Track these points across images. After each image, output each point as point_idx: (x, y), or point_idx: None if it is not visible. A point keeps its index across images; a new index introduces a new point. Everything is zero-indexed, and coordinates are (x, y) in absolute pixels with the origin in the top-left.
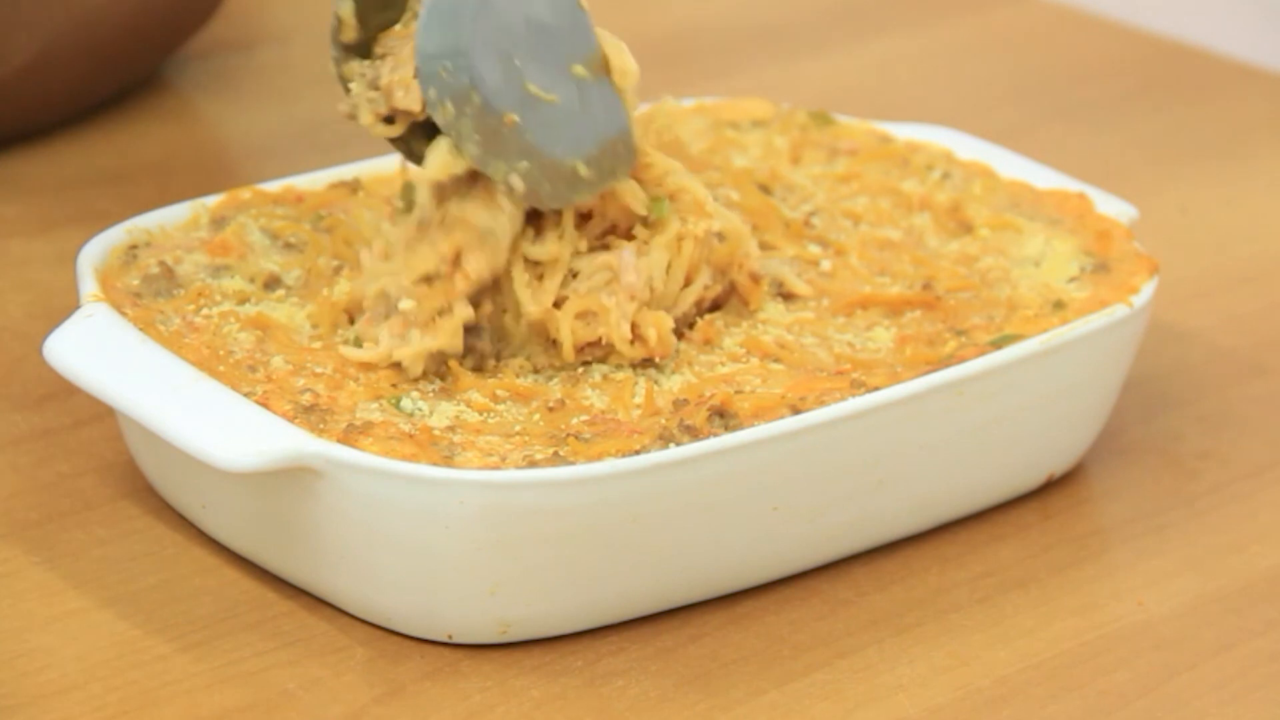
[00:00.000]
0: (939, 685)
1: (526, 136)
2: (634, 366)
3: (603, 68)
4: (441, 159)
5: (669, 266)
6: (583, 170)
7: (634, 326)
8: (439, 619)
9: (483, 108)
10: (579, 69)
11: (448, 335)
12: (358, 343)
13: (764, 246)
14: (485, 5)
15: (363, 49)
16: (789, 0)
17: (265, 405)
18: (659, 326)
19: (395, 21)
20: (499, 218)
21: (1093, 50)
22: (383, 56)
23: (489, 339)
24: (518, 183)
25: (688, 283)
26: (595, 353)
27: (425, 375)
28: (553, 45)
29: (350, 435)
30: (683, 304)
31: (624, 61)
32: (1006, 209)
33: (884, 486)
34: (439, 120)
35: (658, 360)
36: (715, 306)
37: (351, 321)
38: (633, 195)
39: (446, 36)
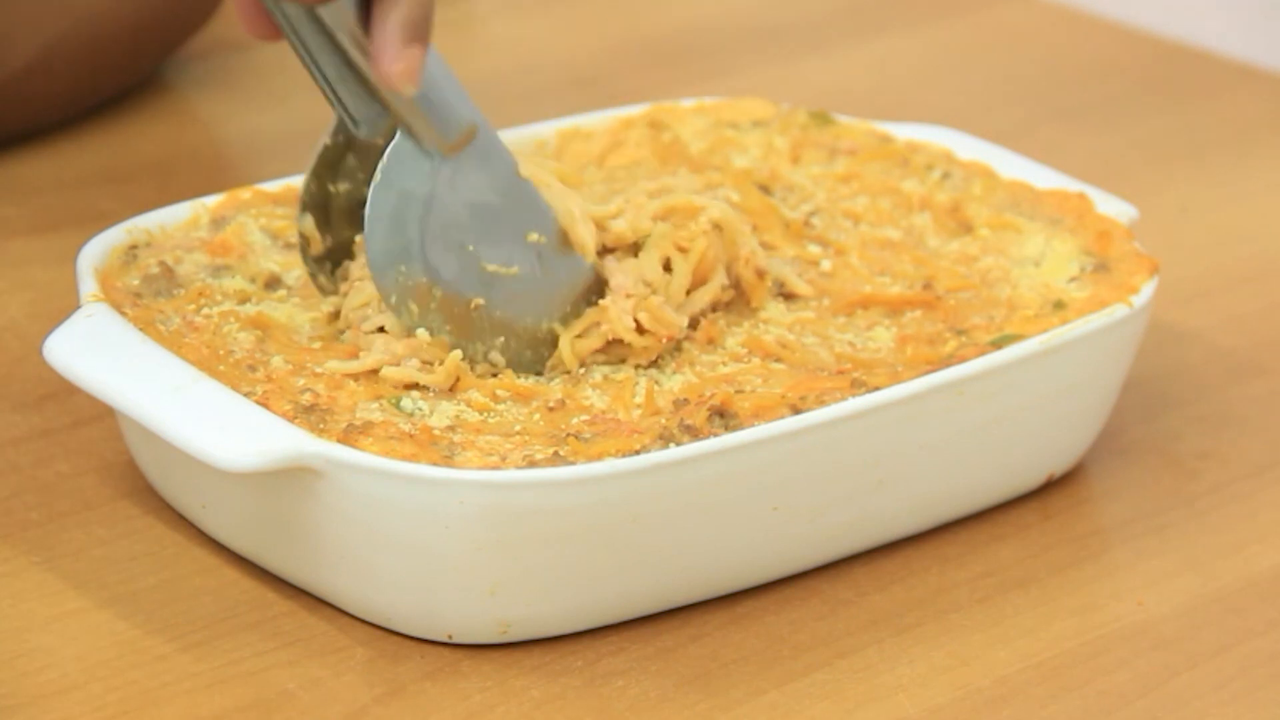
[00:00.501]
0: (939, 685)
1: (496, 314)
2: (636, 366)
3: (556, 229)
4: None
5: (668, 263)
6: (561, 331)
7: (636, 322)
8: (439, 619)
9: (446, 298)
10: (533, 236)
11: (438, 379)
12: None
13: (764, 246)
14: (427, 205)
15: (335, 257)
16: (789, 0)
17: (265, 405)
18: (650, 310)
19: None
20: None
21: (1093, 50)
22: (363, 277)
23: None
24: (498, 359)
25: (701, 282)
26: (603, 357)
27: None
28: (502, 220)
29: (350, 435)
30: (697, 303)
31: (578, 233)
32: (1006, 209)
33: (884, 486)
34: (406, 321)
35: (666, 340)
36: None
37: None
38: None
39: (394, 241)
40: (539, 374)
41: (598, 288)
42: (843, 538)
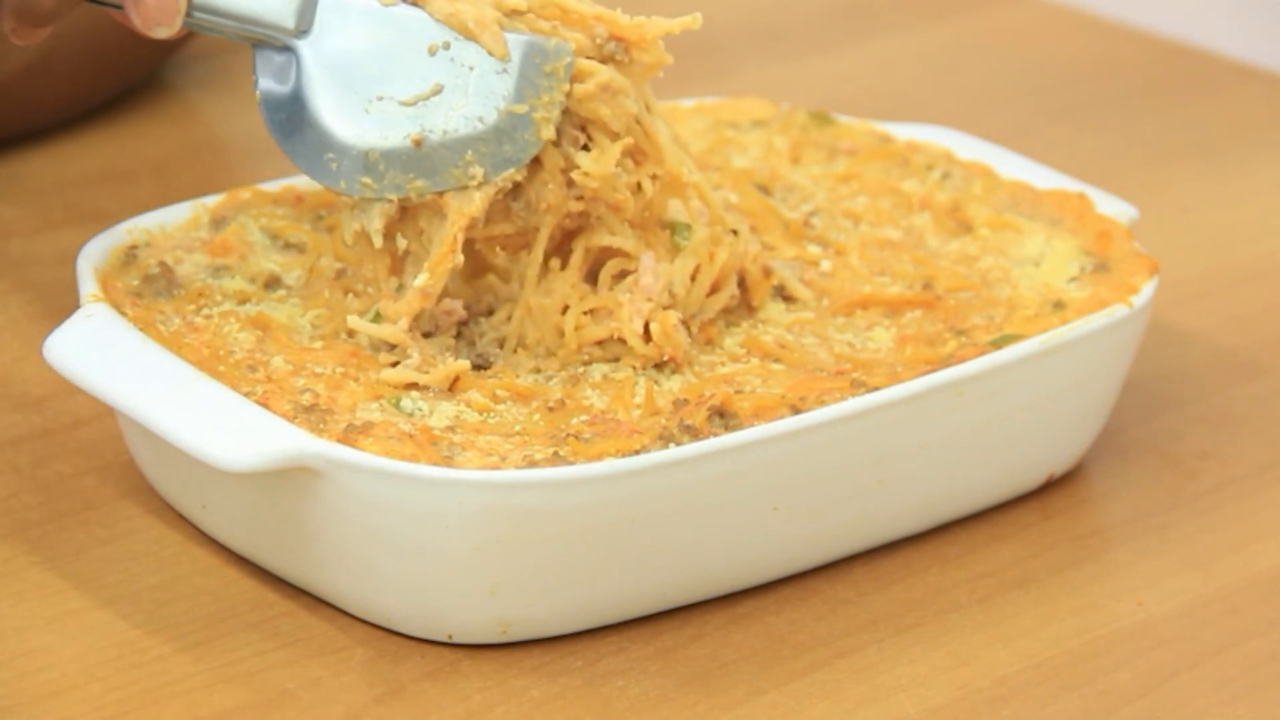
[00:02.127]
0: (939, 685)
1: (445, 133)
2: (634, 366)
3: (455, 26)
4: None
5: (696, 271)
6: (518, 107)
7: (646, 326)
8: (439, 619)
9: (387, 153)
10: (433, 45)
11: (437, 379)
12: (377, 318)
13: (764, 248)
14: (312, 90)
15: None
16: (789, 0)
17: (265, 405)
18: (662, 323)
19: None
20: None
21: (1093, 50)
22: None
23: (500, 358)
24: (478, 171)
25: (715, 290)
26: (600, 353)
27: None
28: (392, 52)
29: (350, 435)
30: (709, 310)
31: (484, 43)
32: (1006, 209)
33: (884, 486)
34: (369, 194)
35: (667, 359)
36: None
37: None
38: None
39: (309, 142)
40: (523, 162)
41: (540, 47)
42: (843, 538)
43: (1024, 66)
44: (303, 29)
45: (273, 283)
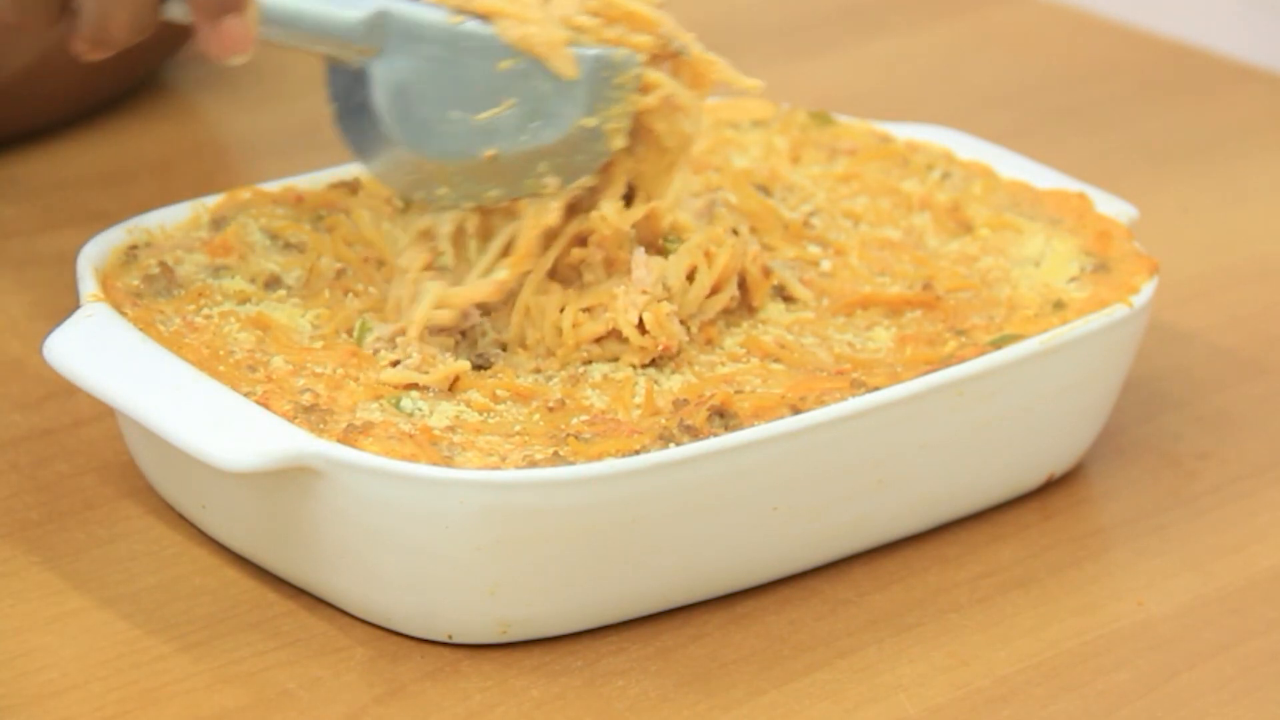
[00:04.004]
0: (939, 685)
1: (519, 149)
2: (634, 366)
3: (525, 49)
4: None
5: (694, 271)
6: (589, 121)
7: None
8: (439, 619)
9: (463, 168)
10: (505, 63)
11: (437, 379)
12: (364, 327)
13: (764, 248)
14: (387, 106)
15: None
16: (789, 0)
17: (265, 405)
18: (656, 313)
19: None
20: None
21: (1093, 50)
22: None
23: (500, 358)
24: (552, 181)
25: (715, 291)
26: (599, 351)
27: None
28: (463, 71)
29: (350, 435)
30: (709, 311)
31: (554, 66)
32: (1006, 209)
33: (884, 486)
34: (446, 203)
35: (663, 351)
36: None
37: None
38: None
39: (386, 156)
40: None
41: (608, 62)
42: (843, 538)
43: (1024, 66)
44: (374, 48)
45: (273, 283)
